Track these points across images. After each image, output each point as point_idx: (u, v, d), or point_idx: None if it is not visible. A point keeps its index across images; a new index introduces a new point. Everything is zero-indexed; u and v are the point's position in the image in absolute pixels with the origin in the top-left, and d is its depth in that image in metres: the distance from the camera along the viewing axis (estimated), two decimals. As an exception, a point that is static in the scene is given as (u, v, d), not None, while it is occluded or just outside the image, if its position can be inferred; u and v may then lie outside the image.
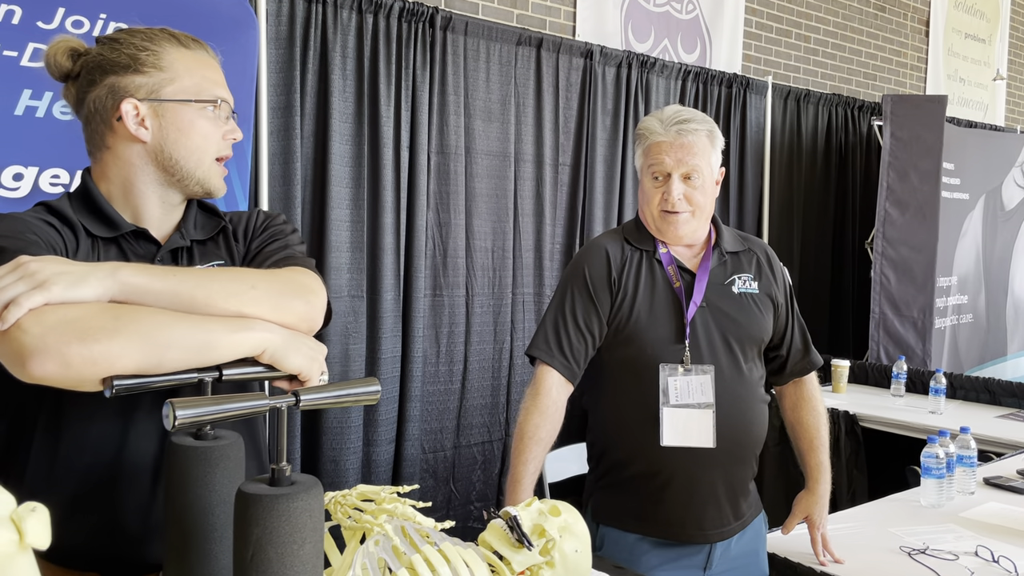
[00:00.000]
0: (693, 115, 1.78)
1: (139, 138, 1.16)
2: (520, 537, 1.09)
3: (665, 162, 1.75)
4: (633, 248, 1.83)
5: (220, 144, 1.22)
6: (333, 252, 2.83)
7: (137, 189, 1.19)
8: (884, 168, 4.28)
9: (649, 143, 1.78)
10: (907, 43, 5.41)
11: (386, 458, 2.97)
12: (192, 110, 1.18)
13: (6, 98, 2.11)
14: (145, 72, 1.16)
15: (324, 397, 0.95)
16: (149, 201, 1.20)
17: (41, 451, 1.12)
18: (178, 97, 1.17)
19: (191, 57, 1.20)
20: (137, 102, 1.15)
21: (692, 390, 1.73)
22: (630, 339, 1.77)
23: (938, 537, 2.07)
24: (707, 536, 1.77)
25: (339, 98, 2.84)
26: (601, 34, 3.71)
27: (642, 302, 1.77)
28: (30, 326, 0.93)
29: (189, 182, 1.20)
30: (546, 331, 1.80)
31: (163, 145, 1.17)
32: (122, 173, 1.19)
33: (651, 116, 1.81)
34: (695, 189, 1.77)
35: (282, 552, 0.83)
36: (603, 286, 1.79)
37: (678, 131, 1.75)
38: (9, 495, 0.63)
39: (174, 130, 1.17)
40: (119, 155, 1.18)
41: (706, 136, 1.77)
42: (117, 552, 1.13)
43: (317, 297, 1.14)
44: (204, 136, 1.19)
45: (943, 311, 4.53)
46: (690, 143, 1.75)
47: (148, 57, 1.16)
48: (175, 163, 1.18)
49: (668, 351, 1.75)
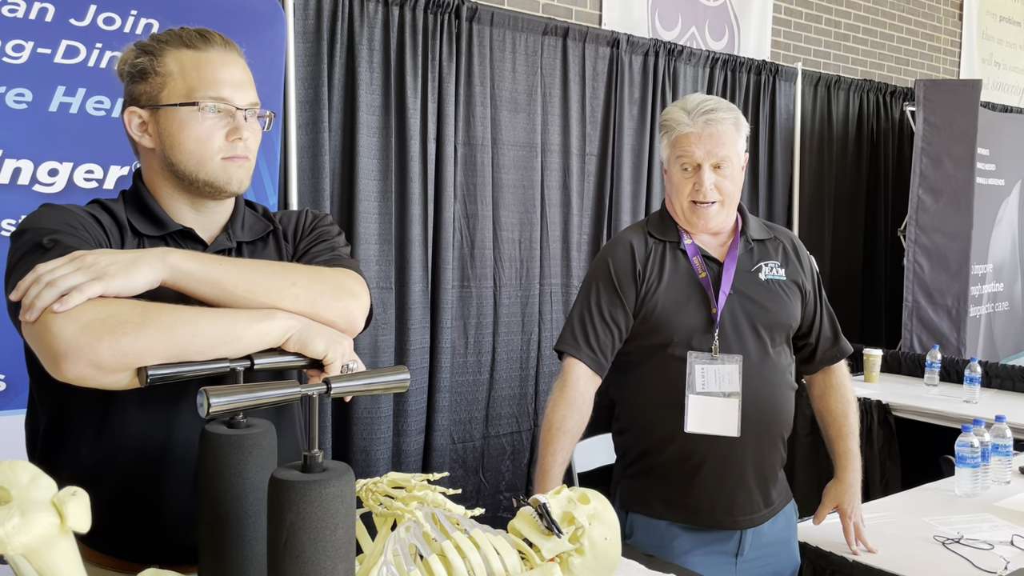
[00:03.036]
0: (718, 103, 1.78)
1: (144, 145, 1.18)
2: (549, 524, 1.09)
3: (695, 153, 1.75)
4: (657, 240, 1.83)
5: (224, 144, 1.17)
6: (362, 244, 2.85)
7: (165, 192, 1.21)
8: (917, 154, 4.21)
9: (677, 135, 1.78)
10: (940, 27, 5.32)
11: (416, 448, 2.99)
12: (183, 113, 1.15)
13: (41, 95, 2.14)
14: (146, 80, 1.17)
15: (355, 385, 0.96)
16: (177, 203, 1.21)
17: (83, 443, 1.14)
18: (169, 101, 1.16)
19: (191, 58, 1.17)
20: (140, 111, 1.17)
21: (719, 378, 1.74)
22: (657, 329, 1.77)
23: (973, 526, 2.04)
24: (736, 522, 1.77)
25: (366, 91, 2.86)
26: (628, 22, 3.68)
27: (668, 293, 1.78)
28: (62, 327, 0.96)
29: (196, 183, 1.18)
30: (572, 326, 1.82)
31: (163, 151, 1.17)
32: (151, 177, 1.21)
33: (675, 106, 1.80)
34: (725, 178, 1.77)
35: (315, 537, 0.84)
36: (628, 279, 1.80)
37: (706, 121, 1.74)
38: (50, 479, 0.65)
39: (168, 135, 1.16)
40: (145, 161, 1.22)
41: (732, 125, 1.77)
42: (158, 540, 1.15)
43: (357, 300, 1.16)
44: (197, 139, 1.16)
45: (978, 299, 4.46)
46: (719, 132, 1.75)
47: (149, 63, 1.16)
48: (175, 167, 1.17)
49: (697, 340, 1.75)
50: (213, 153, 1.17)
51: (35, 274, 0.99)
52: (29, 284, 0.98)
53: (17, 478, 0.64)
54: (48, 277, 0.98)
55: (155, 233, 1.18)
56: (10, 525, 0.60)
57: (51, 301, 0.96)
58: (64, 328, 0.95)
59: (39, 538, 0.61)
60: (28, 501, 0.62)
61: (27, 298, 0.98)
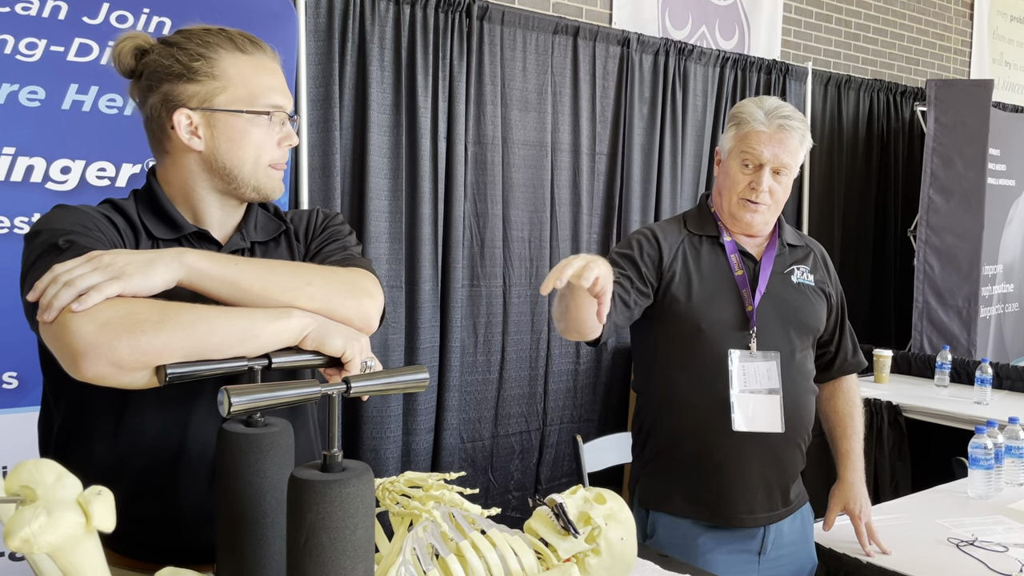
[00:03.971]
0: (794, 112, 1.78)
1: (192, 147, 1.16)
2: (566, 524, 1.09)
3: (762, 153, 1.75)
4: (692, 233, 1.84)
5: (275, 152, 1.20)
6: (372, 243, 2.85)
7: (196, 194, 1.20)
8: (928, 154, 4.19)
9: (748, 130, 1.77)
10: (951, 26, 5.29)
11: (425, 447, 2.99)
12: (244, 119, 1.17)
13: (54, 93, 2.15)
14: (198, 81, 1.15)
15: (374, 384, 0.96)
16: (209, 204, 1.21)
17: (99, 442, 1.14)
18: (231, 107, 1.16)
19: (246, 62, 1.18)
20: (190, 112, 1.15)
21: (759, 375, 1.74)
22: (685, 322, 1.76)
23: (987, 528, 2.04)
24: (757, 520, 1.77)
25: (377, 89, 2.86)
26: (638, 21, 3.67)
27: (700, 285, 1.77)
28: (81, 326, 0.95)
29: (245, 189, 1.20)
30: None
31: (216, 154, 1.17)
32: (181, 177, 1.20)
33: (751, 102, 1.80)
34: (780, 185, 1.78)
35: (335, 537, 0.84)
36: (651, 258, 1.78)
37: (779, 126, 1.75)
38: (75, 479, 0.65)
39: (226, 140, 1.16)
40: (177, 161, 1.19)
41: (800, 137, 1.78)
42: (174, 539, 1.15)
43: (372, 299, 1.16)
44: (257, 146, 1.18)
45: (988, 300, 4.44)
46: (788, 139, 1.75)
47: (202, 65, 1.15)
48: (228, 171, 1.18)
49: (731, 337, 1.75)
50: (267, 160, 1.19)
51: (52, 274, 0.99)
52: (47, 284, 0.98)
53: (43, 477, 0.64)
54: (66, 277, 0.98)
55: (170, 236, 1.18)
56: (37, 524, 0.60)
57: (69, 301, 0.96)
58: (83, 327, 0.95)
59: (65, 537, 0.61)
60: (54, 500, 0.62)
61: (45, 298, 0.98)
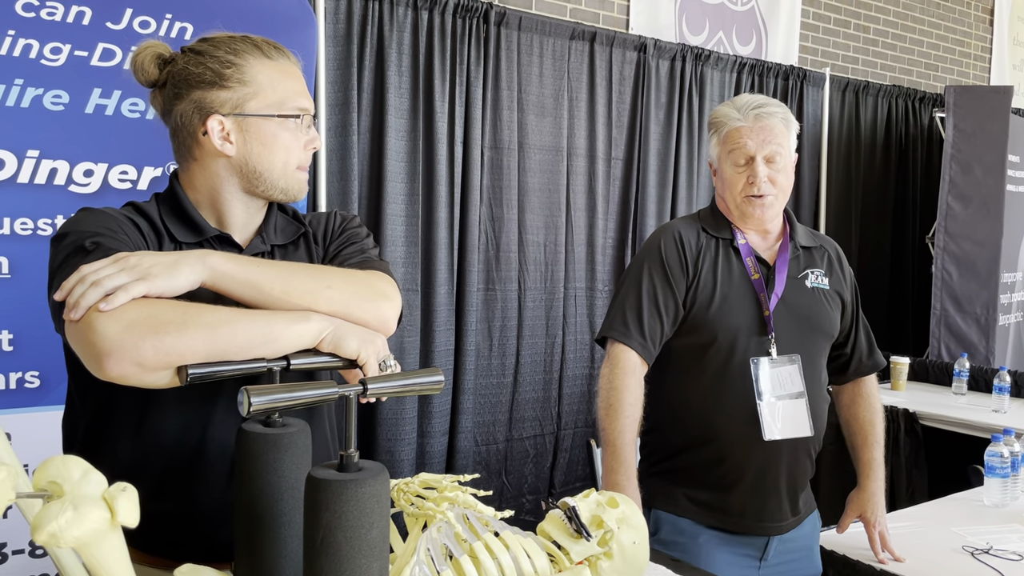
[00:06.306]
0: (767, 100, 1.78)
1: (224, 152, 1.19)
2: (579, 527, 1.10)
3: (747, 145, 1.74)
4: (709, 236, 1.81)
5: (301, 154, 1.23)
6: (388, 247, 2.87)
7: (223, 198, 1.23)
8: (946, 161, 4.17)
9: (728, 129, 1.77)
10: (970, 32, 5.26)
11: (440, 450, 3.01)
12: (275, 123, 1.20)
13: (77, 97, 2.18)
14: (230, 87, 1.18)
15: (391, 386, 0.98)
16: (234, 208, 1.23)
17: (122, 441, 1.16)
18: (262, 112, 1.19)
19: (273, 68, 1.21)
20: (222, 118, 1.18)
21: (783, 380, 1.72)
22: (701, 326, 1.74)
23: (1002, 537, 2.02)
24: (764, 528, 1.76)
25: (395, 94, 2.88)
26: (655, 27, 3.68)
27: (718, 290, 1.75)
28: (106, 326, 0.98)
29: (273, 191, 1.23)
30: (623, 312, 1.75)
31: (247, 158, 1.20)
32: (208, 183, 1.22)
33: (724, 105, 1.80)
34: (779, 172, 1.76)
35: (351, 536, 0.86)
36: (678, 268, 1.76)
37: (756, 115, 1.74)
38: (100, 475, 0.66)
39: (258, 144, 1.20)
40: (206, 167, 1.21)
41: (782, 120, 1.76)
42: (193, 537, 1.17)
43: (390, 302, 1.18)
44: (286, 149, 1.21)
45: (1007, 307, 4.40)
46: (770, 126, 1.74)
47: (232, 72, 1.18)
48: (259, 175, 1.21)
49: (749, 342, 1.73)
50: (295, 162, 1.23)
51: (80, 274, 1.01)
52: (74, 284, 1.01)
53: (69, 473, 0.65)
54: (93, 277, 1.00)
55: (192, 239, 1.20)
56: (63, 519, 0.62)
57: (96, 300, 0.98)
58: (108, 327, 0.97)
59: (90, 532, 0.63)
60: (80, 496, 0.64)
61: (72, 297, 1.00)
